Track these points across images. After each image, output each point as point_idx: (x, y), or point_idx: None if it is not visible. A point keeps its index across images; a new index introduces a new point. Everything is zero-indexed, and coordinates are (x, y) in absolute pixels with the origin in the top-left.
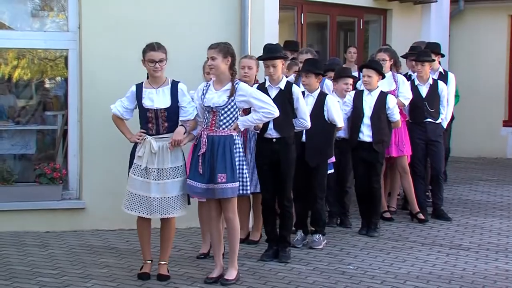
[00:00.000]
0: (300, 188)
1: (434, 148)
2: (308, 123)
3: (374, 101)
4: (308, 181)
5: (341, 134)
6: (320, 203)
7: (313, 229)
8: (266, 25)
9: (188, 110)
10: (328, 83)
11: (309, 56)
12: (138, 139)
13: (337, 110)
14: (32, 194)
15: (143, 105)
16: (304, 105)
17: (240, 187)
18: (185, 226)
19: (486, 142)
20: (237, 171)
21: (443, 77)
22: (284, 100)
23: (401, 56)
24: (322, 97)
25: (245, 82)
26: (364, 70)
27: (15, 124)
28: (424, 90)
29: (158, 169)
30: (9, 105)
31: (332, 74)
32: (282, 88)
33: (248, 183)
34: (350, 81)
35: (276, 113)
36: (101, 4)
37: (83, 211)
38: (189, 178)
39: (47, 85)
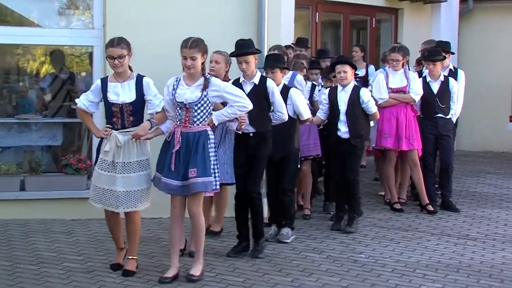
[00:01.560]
0: (273, 182)
1: (444, 142)
2: (285, 116)
3: (348, 97)
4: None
5: None
6: (289, 196)
7: (282, 222)
8: (282, 23)
9: (155, 103)
10: (298, 78)
11: (276, 51)
12: (105, 134)
13: (302, 102)
14: (59, 184)
15: (108, 99)
16: (280, 98)
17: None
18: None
19: (493, 137)
20: (211, 167)
21: (453, 74)
22: (259, 95)
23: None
24: (285, 91)
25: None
26: (339, 66)
27: (43, 117)
28: (435, 87)
29: (124, 162)
30: (37, 99)
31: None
32: (256, 83)
33: (218, 179)
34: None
35: (249, 106)
36: (125, 3)
37: None
38: (164, 176)
39: (73, 80)
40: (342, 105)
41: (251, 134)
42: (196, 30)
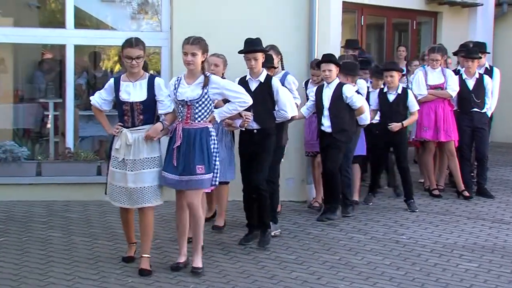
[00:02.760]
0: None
1: (480, 134)
2: (288, 114)
3: (331, 93)
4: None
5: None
6: (274, 189)
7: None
8: (331, 27)
9: (166, 104)
10: (289, 78)
11: (271, 53)
12: (115, 132)
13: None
14: None
15: (120, 98)
16: (284, 97)
17: (213, 179)
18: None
19: None
20: (213, 163)
21: (489, 72)
22: (264, 92)
23: (453, 53)
24: None
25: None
26: (324, 65)
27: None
28: (471, 84)
29: (134, 160)
30: None
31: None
32: (262, 81)
33: (218, 175)
34: (393, 73)
35: (249, 101)
36: (190, 8)
37: None
38: (163, 169)
39: None
40: (326, 101)
41: (255, 131)
42: (253, 34)
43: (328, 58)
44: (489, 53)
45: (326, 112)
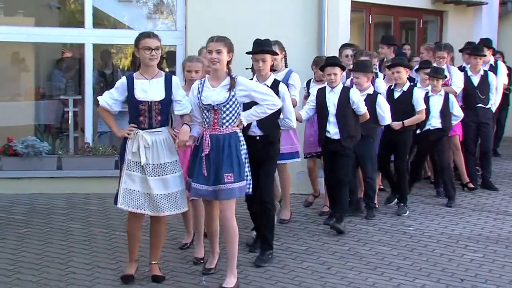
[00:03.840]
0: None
1: (484, 129)
2: (293, 123)
3: (337, 98)
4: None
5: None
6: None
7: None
8: (340, 25)
9: (184, 104)
10: (294, 76)
11: (276, 48)
12: (129, 134)
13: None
14: None
15: (136, 97)
16: (290, 105)
17: (247, 187)
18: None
19: None
20: (245, 170)
21: (493, 68)
22: None
23: (459, 51)
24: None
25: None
26: (329, 68)
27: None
28: (476, 80)
29: (154, 164)
30: None
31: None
32: (269, 85)
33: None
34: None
35: (279, 103)
36: (204, 8)
37: None
38: (194, 181)
39: None
40: (331, 106)
41: (258, 137)
42: (265, 32)
43: (333, 61)
44: (494, 49)
45: (332, 119)
